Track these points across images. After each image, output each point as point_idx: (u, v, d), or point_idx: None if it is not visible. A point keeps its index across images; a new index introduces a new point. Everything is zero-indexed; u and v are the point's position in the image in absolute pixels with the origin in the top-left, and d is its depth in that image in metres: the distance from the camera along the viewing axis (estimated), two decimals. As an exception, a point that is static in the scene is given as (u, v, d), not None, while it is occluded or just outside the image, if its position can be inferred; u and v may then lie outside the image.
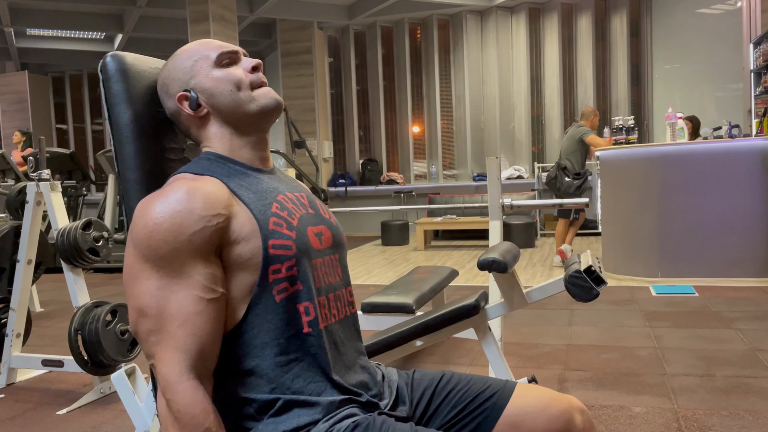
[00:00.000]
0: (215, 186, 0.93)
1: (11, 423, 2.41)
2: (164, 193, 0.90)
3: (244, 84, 1.02)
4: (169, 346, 0.86)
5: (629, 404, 2.31)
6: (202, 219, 0.88)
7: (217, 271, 0.90)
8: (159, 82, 1.06)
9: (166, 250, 0.87)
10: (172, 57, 1.06)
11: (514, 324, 3.63)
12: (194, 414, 0.84)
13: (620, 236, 4.89)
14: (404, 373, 1.13)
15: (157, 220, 0.87)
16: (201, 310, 0.87)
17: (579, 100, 8.76)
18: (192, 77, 1.03)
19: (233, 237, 0.91)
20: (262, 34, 9.79)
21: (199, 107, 1.02)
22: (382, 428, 0.90)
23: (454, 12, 9.12)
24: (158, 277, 0.87)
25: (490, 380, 1.09)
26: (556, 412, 1.03)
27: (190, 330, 0.86)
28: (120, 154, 1.04)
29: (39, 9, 8.37)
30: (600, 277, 1.64)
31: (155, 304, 0.87)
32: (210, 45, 1.05)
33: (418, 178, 9.58)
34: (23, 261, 2.83)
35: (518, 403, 1.04)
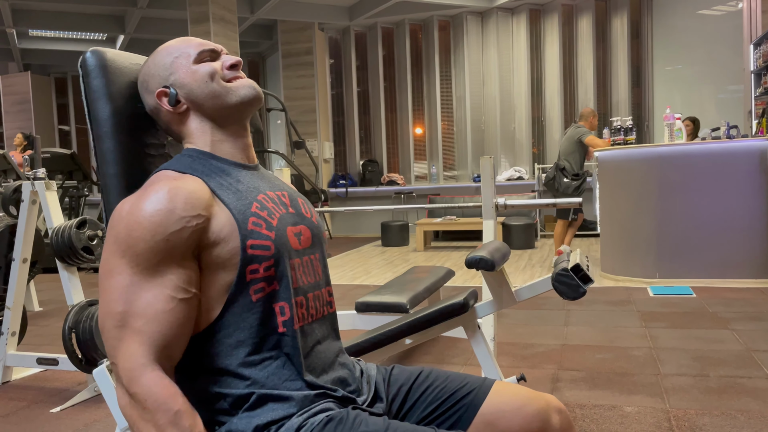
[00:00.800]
0: (197, 186, 0.93)
1: (5, 421, 2.42)
2: (146, 192, 0.91)
3: (218, 75, 1.02)
4: (133, 342, 0.85)
5: (621, 404, 2.31)
6: (182, 219, 0.88)
7: (192, 272, 0.90)
8: (139, 79, 1.07)
9: (143, 248, 0.87)
10: (153, 54, 1.07)
11: (510, 324, 3.63)
12: (162, 399, 0.83)
13: (618, 237, 4.88)
14: (383, 369, 1.13)
15: (137, 218, 0.88)
16: (171, 309, 0.87)
17: (579, 101, 8.75)
18: (171, 73, 1.03)
19: (212, 238, 0.91)
20: (263, 35, 9.81)
21: (179, 103, 1.02)
22: (356, 422, 0.90)
23: (454, 13, 9.13)
24: (132, 273, 0.87)
25: (468, 378, 1.09)
26: (532, 411, 1.02)
27: (157, 327, 0.86)
28: (99, 150, 1.04)
29: (41, 10, 8.41)
30: (587, 275, 1.64)
31: (124, 300, 0.86)
32: (190, 42, 1.05)
33: (419, 179, 9.58)
34: (18, 260, 2.84)
35: (494, 402, 1.04)
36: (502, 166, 9.10)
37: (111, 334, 0.86)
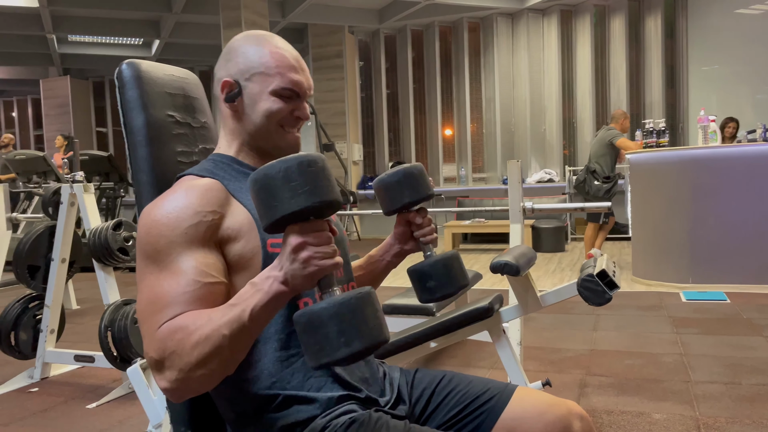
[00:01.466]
0: (212, 186, 0.97)
1: (43, 415, 2.51)
2: (164, 196, 0.95)
3: (281, 118, 1.02)
4: (153, 322, 0.86)
5: (650, 410, 2.29)
6: (198, 214, 0.92)
7: (215, 261, 0.92)
8: (228, 45, 1.06)
9: (164, 243, 0.90)
10: (258, 38, 1.04)
11: (537, 328, 3.61)
12: (163, 337, 0.84)
13: (650, 241, 4.81)
14: (406, 372, 1.15)
15: (156, 217, 0.92)
16: (193, 290, 0.87)
17: (612, 102, 8.63)
18: (249, 78, 1.02)
19: (229, 234, 0.94)
20: (294, 39, 9.91)
21: (233, 102, 1.03)
22: (378, 425, 0.93)
23: (484, 15, 9.09)
24: (158, 270, 0.90)
25: (490, 383, 1.10)
26: (552, 418, 1.03)
27: (176, 307, 0.86)
28: (133, 158, 1.09)
29: (80, 16, 8.65)
30: (613, 281, 1.64)
31: (151, 293, 0.89)
32: (283, 65, 1.02)
33: (448, 181, 9.57)
34: (57, 259, 2.94)
35: (516, 408, 1.05)
36: (532, 168, 9.02)
37: (142, 330, 0.89)
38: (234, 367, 0.85)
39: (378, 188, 1.15)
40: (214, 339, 0.80)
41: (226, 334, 0.80)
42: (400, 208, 1.15)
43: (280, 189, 0.78)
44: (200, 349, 0.81)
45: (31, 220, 3.87)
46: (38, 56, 10.55)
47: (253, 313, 0.80)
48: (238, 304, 0.81)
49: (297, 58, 1.05)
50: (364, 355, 0.76)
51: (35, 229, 3.01)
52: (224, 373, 0.84)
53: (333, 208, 0.82)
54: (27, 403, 2.66)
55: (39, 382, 2.96)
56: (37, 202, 7.02)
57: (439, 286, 1.12)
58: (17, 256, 2.93)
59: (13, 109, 13.72)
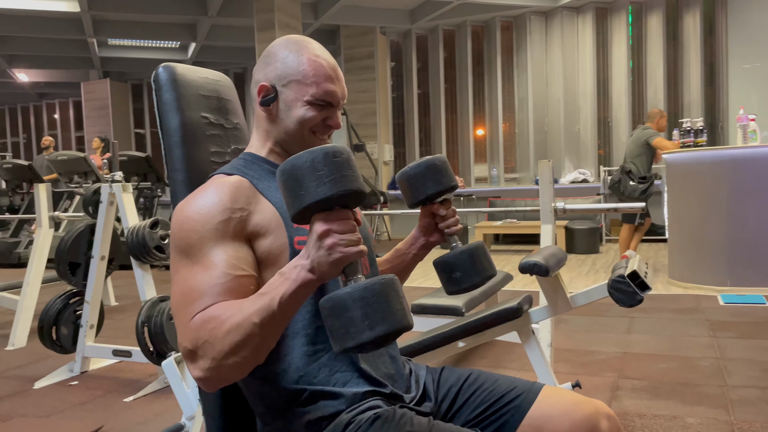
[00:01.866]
0: (241, 184, 1.00)
1: (82, 408, 2.59)
2: (195, 194, 0.99)
3: (313, 125, 1.05)
4: (187, 313, 0.89)
5: (683, 414, 2.25)
6: (227, 210, 0.95)
7: (245, 255, 0.95)
8: (268, 49, 1.08)
9: (195, 238, 0.93)
10: (297, 45, 1.06)
11: (570, 330, 3.57)
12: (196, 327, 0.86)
13: (687, 243, 4.71)
14: (432, 370, 1.16)
15: (188, 214, 0.95)
16: (224, 282, 0.90)
17: (648, 101, 8.47)
18: (285, 84, 1.04)
19: (258, 229, 0.97)
20: (326, 40, 9.99)
21: (268, 107, 1.05)
22: (402, 421, 0.94)
23: (517, 14, 9.02)
24: (191, 263, 0.93)
25: (517, 381, 1.10)
26: (580, 417, 1.03)
27: (208, 299, 0.89)
28: (169, 158, 1.13)
29: (119, 20, 8.88)
30: (645, 282, 1.62)
31: (184, 285, 0.92)
32: (320, 75, 1.04)
33: (479, 182, 9.52)
34: (97, 257, 3.03)
35: (542, 406, 1.05)
36: (565, 168, 8.91)
37: (176, 322, 0.92)
38: (264, 355, 0.88)
39: (401, 181, 1.17)
40: (245, 327, 0.83)
41: (256, 322, 0.83)
42: (423, 199, 1.16)
43: (306, 178, 0.80)
44: (232, 338, 0.83)
45: (72, 218, 3.99)
46: (79, 60, 10.86)
47: (282, 301, 0.83)
48: (268, 293, 0.84)
49: (334, 67, 1.06)
50: (388, 340, 0.78)
51: (76, 227, 3.11)
52: (255, 360, 0.87)
53: (357, 199, 0.84)
54: (67, 396, 2.75)
55: (79, 375, 3.06)
56: (78, 201, 7.24)
57: (465, 276, 1.13)
58: (59, 253, 3.03)
59: (56, 111, 14.15)
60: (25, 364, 3.27)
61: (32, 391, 2.82)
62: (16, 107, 14.54)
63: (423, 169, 1.13)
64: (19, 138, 14.59)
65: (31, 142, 14.24)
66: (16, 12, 8.25)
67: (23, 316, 3.72)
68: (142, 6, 8.03)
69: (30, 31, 8.79)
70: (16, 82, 12.18)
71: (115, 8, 7.94)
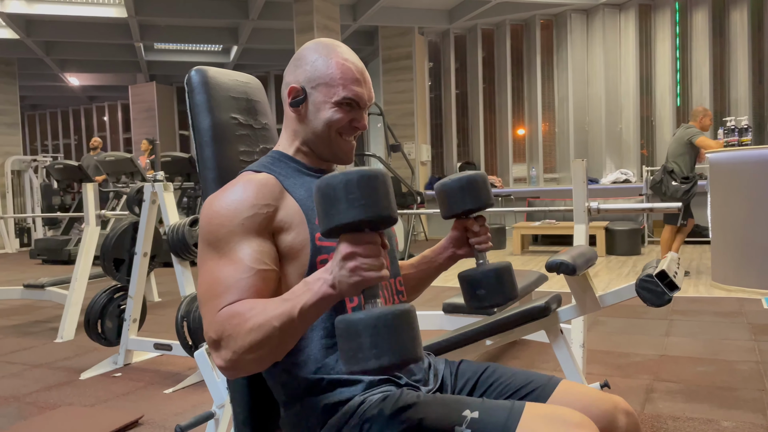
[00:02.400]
0: (268, 181, 1.05)
1: (125, 398, 2.70)
2: (224, 189, 1.04)
3: (340, 127, 1.08)
4: (213, 305, 0.95)
5: (718, 418, 2.20)
6: (254, 207, 1.00)
7: (268, 250, 1.00)
8: (299, 52, 1.12)
9: (223, 232, 0.99)
10: (327, 48, 1.09)
11: (606, 332, 3.52)
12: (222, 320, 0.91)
13: (731, 245, 4.58)
14: (450, 363, 1.18)
15: (217, 209, 1.01)
16: (248, 276, 0.95)
17: (694, 99, 8.25)
18: (314, 87, 1.08)
19: (282, 225, 1.02)
20: (365, 42, 10.07)
21: (297, 108, 1.10)
22: (401, 396, 0.98)
23: (558, 12, 8.91)
24: (218, 257, 0.98)
25: (534, 375, 1.12)
26: (597, 413, 1.03)
27: (236, 294, 0.94)
28: (200, 156, 1.18)
29: (165, 25, 9.14)
30: (674, 282, 1.60)
31: (211, 277, 0.97)
32: (348, 77, 1.07)
33: (518, 182, 9.43)
34: (139, 253, 3.15)
35: (558, 401, 1.06)
36: (607, 168, 8.76)
37: (202, 311, 0.98)
38: (282, 355, 0.92)
39: (439, 192, 1.19)
40: (266, 328, 0.88)
41: (276, 325, 0.87)
42: (459, 213, 1.18)
43: (339, 199, 0.83)
44: (253, 336, 0.88)
45: (118, 217, 4.15)
46: (127, 64, 11.22)
47: (303, 310, 0.87)
48: (290, 299, 0.88)
49: (361, 71, 1.10)
50: (393, 370, 0.81)
51: (120, 225, 3.24)
52: (273, 359, 0.91)
53: (387, 223, 0.86)
54: (111, 387, 2.86)
55: (122, 367, 3.18)
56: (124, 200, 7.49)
57: (488, 294, 1.15)
58: (104, 250, 3.16)
59: (105, 113, 14.66)
60: (72, 356, 3.42)
61: (78, 382, 2.95)
62: (68, 110, 15.13)
63: (463, 184, 1.15)
64: (71, 140, 15.17)
65: (82, 144, 14.79)
66: (68, 18, 8.59)
67: (71, 311, 3.88)
68: (186, 11, 8.25)
69: (80, 37, 9.13)
70: (68, 86, 12.68)
71: (161, 13, 8.18)
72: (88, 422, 2.34)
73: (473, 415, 0.92)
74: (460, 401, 0.96)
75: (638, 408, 2.33)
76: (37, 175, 11.00)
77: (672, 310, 3.98)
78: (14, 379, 3.00)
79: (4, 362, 3.32)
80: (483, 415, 0.91)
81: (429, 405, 0.96)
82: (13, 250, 9.97)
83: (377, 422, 0.95)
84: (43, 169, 10.98)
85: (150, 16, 8.26)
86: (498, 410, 0.92)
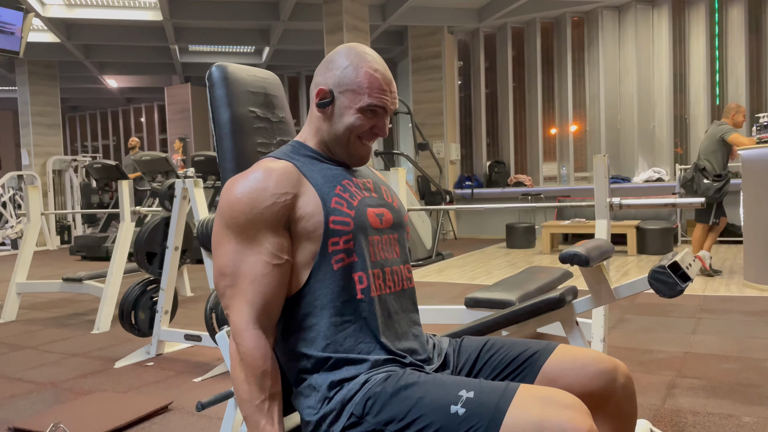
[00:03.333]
0: (288, 169, 1.11)
1: (155, 386, 2.81)
2: (245, 175, 1.10)
3: (360, 131, 1.14)
4: (240, 300, 1.05)
5: (740, 414, 2.19)
6: (273, 196, 1.07)
7: (284, 241, 1.08)
8: (331, 55, 1.18)
9: (243, 220, 1.06)
10: (358, 56, 1.15)
11: (632, 330, 3.50)
12: (256, 357, 1.02)
13: (763, 243, 4.49)
14: (453, 341, 1.23)
15: (238, 195, 1.07)
16: (268, 272, 1.05)
17: (729, 96, 8.07)
18: (341, 92, 1.14)
19: (299, 212, 1.08)
20: (394, 41, 10.13)
21: (324, 109, 1.16)
22: (404, 374, 1.04)
23: (589, 9, 8.82)
24: (236, 242, 1.06)
25: (532, 342, 1.16)
26: (594, 371, 1.07)
27: (258, 288, 1.05)
28: (220, 148, 1.25)
29: (199, 27, 9.36)
30: (686, 273, 1.61)
31: (232, 264, 1.06)
32: (374, 85, 1.13)
33: (548, 181, 9.36)
34: (171, 247, 3.26)
35: (557, 361, 1.10)
36: (639, 167, 8.63)
37: (225, 293, 1.06)
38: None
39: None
40: (238, 393, 1.05)
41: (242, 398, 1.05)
42: None
43: None
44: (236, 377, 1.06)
45: (153, 213, 4.29)
46: (163, 66, 11.49)
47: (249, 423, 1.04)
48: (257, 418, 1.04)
49: (389, 81, 1.16)
50: None
51: (153, 220, 3.36)
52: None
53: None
54: (143, 375, 2.98)
55: (154, 357, 3.30)
56: (159, 198, 7.69)
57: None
58: (137, 244, 3.28)
59: (142, 114, 15.04)
60: (107, 346, 3.56)
61: (113, 370, 3.07)
62: (107, 111, 15.57)
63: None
64: (109, 141, 15.60)
65: (120, 144, 15.20)
66: (106, 22, 8.86)
67: (107, 303, 4.03)
68: (219, 13, 8.43)
69: (118, 40, 9.41)
70: (106, 88, 13.05)
71: (195, 16, 8.38)
72: (120, 406, 2.44)
73: (469, 394, 0.96)
74: (458, 381, 1.00)
75: (658, 403, 2.33)
76: (77, 175, 11.36)
77: (701, 309, 3.93)
78: (52, 367, 3.14)
79: (43, 351, 3.48)
80: (478, 395, 0.96)
81: (429, 384, 1.01)
82: (54, 247, 10.32)
83: (380, 399, 1.01)
84: (83, 169, 11.34)
85: (184, 18, 8.46)
86: (492, 391, 0.96)
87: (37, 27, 8.99)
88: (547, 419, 0.89)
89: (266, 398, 1.03)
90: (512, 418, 0.91)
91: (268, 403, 1.03)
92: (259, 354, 1.03)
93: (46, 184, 10.62)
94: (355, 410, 1.02)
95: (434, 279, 5.55)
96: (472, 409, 0.94)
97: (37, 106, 10.62)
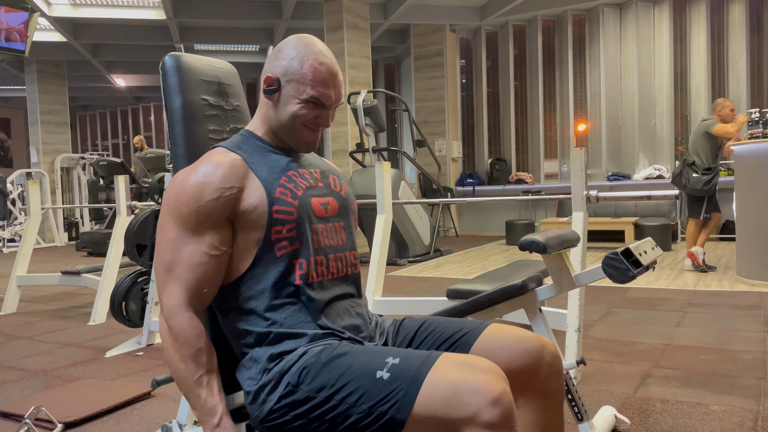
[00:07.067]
0: (235, 163, 1.15)
1: (143, 374, 2.88)
2: (195, 167, 1.15)
3: (304, 120, 1.19)
4: (174, 285, 1.10)
5: (708, 402, 2.22)
6: (218, 190, 1.12)
7: (225, 234, 1.13)
8: (281, 44, 1.21)
9: (187, 211, 1.11)
10: (306, 47, 1.18)
11: (617, 322, 3.53)
12: (189, 336, 1.08)
13: (755, 238, 4.49)
14: (396, 321, 1.28)
15: (185, 186, 1.12)
16: (205, 262, 1.10)
17: (730, 94, 8.05)
18: (288, 80, 1.18)
19: (243, 204, 1.13)
20: (396, 40, 10.17)
21: (269, 96, 1.21)
22: (339, 346, 1.09)
23: (590, 6, 8.82)
24: (177, 230, 1.11)
25: (466, 322, 1.20)
26: (519, 349, 1.12)
27: (192, 276, 1.10)
28: (172, 134, 1.30)
29: (203, 26, 9.45)
30: (638, 260, 1.65)
31: (171, 251, 1.11)
32: (318, 79, 1.17)
33: (549, 178, 9.37)
34: (160, 240, 3.32)
35: (486, 340, 1.15)
36: (640, 164, 8.62)
37: (160, 277, 1.11)
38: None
39: None
40: (176, 373, 1.10)
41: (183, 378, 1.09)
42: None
43: None
44: (169, 361, 1.10)
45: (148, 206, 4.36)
46: (169, 65, 11.59)
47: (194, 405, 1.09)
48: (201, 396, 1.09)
49: (333, 74, 1.19)
50: None
51: (143, 212, 3.43)
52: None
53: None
54: (132, 364, 3.05)
55: (145, 347, 3.37)
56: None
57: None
58: (127, 236, 3.35)
59: (151, 113, 15.19)
60: (101, 337, 3.64)
61: (103, 359, 3.15)
62: (116, 110, 15.74)
63: None
64: (119, 139, 15.78)
65: (129, 143, 15.37)
66: (111, 21, 8.98)
67: (103, 295, 4.11)
68: (223, 12, 8.52)
69: (124, 39, 9.53)
70: (115, 87, 13.20)
71: (199, 15, 8.47)
72: (105, 392, 2.51)
73: (394, 361, 1.01)
74: (386, 350, 1.05)
75: (630, 391, 2.36)
76: (84, 172, 11.51)
77: (689, 303, 3.95)
78: (45, 356, 3.23)
79: (39, 341, 3.56)
80: (402, 361, 1.01)
81: (359, 353, 1.06)
82: (62, 243, 10.48)
83: (314, 368, 1.06)
84: (90, 166, 11.49)
85: (188, 18, 8.56)
86: (416, 357, 1.01)
87: (44, 26, 9.12)
88: (463, 381, 0.93)
89: (204, 373, 1.08)
90: (431, 381, 0.95)
91: (207, 377, 1.08)
92: (193, 333, 1.08)
93: (54, 182, 10.77)
94: (291, 379, 1.07)
95: (431, 274, 5.60)
96: (395, 373, 0.99)
97: (46, 105, 10.78)
